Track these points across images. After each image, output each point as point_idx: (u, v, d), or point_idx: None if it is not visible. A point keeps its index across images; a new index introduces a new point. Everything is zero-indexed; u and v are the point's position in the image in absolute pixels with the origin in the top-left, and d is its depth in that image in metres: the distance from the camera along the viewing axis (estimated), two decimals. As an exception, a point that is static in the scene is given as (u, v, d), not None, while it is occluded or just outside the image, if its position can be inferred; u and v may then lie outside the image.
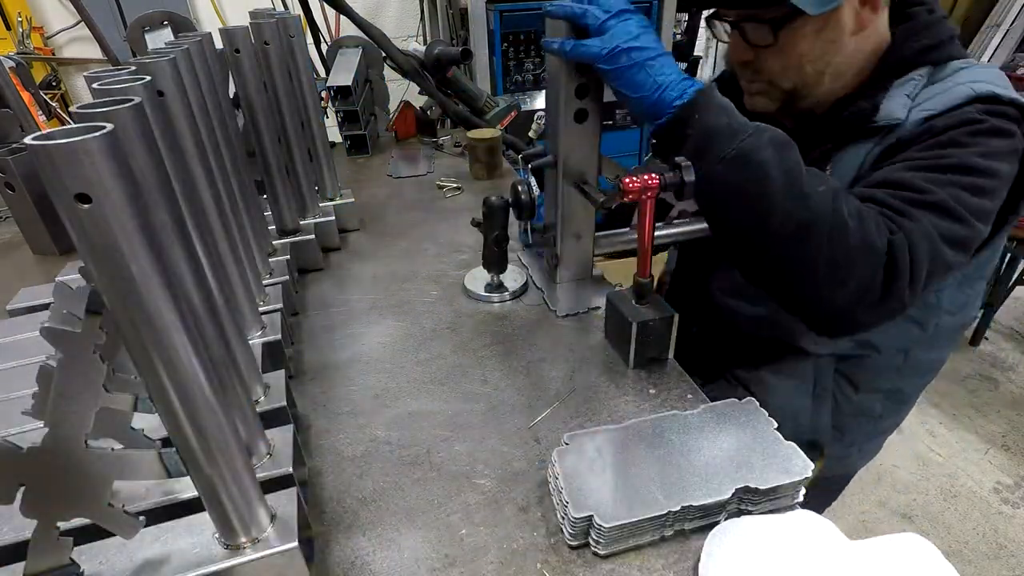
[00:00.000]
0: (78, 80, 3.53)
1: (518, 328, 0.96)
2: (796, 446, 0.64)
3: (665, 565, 0.58)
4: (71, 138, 0.33)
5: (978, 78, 0.80)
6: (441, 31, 3.26)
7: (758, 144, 0.70)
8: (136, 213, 0.36)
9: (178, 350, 0.42)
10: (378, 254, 1.23)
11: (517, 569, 0.59)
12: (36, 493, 0.45)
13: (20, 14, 3.22)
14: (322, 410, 0.81)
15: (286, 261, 1.03)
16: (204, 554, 0.52)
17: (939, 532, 1.89)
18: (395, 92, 2.19)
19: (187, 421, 0.45)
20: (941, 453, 2.18)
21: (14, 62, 1.71)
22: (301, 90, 1.16)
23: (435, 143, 1.89)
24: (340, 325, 0.99)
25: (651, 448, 0.65)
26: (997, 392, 2.45)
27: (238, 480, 0.50)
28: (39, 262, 1.28)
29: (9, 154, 1.21)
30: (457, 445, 0.74)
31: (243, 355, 0.65)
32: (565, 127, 0.88)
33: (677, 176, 0.77)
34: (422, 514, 0.65)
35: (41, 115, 2.19)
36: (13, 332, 0.86)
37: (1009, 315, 2.87)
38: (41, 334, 0.41)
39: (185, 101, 0.65)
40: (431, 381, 0.85)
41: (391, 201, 1.50)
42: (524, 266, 1.13)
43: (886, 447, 1.18)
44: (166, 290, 0.40)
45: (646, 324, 0.81)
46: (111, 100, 0.41)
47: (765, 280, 0.80)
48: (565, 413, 0.78)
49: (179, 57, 0.65)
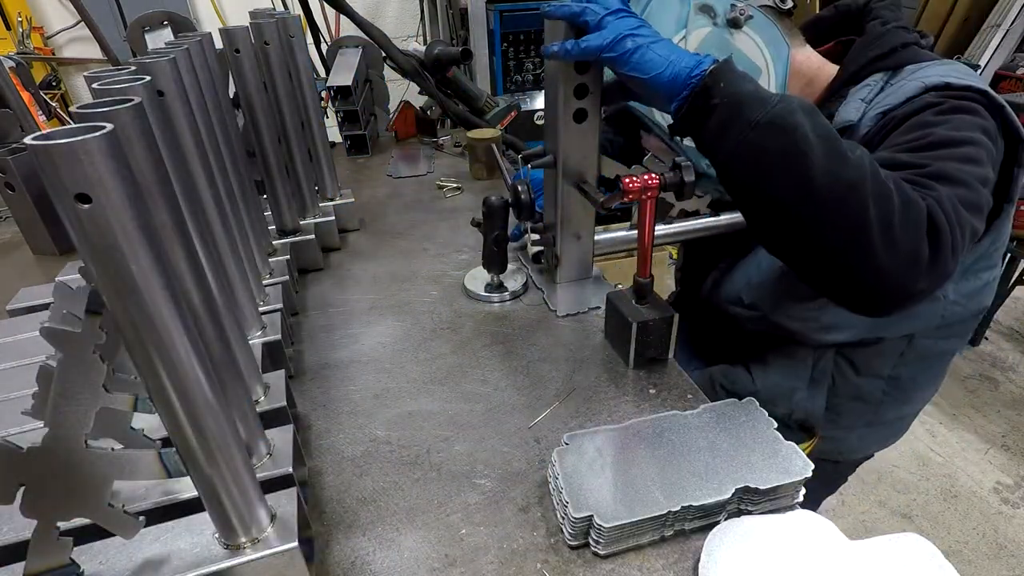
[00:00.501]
0: (78, 80, 3.54)
1: (518, 328, 0.96)
2: (796, 446, 0.64)
3: (665, 565, 0.58)
4: (71, 138, 0.33)
5: (929, 74, 0.82)
6: (441, 31, 3.25)
7: (790, 107, 0.67)
8: (136, 213, 0.36)
9: (178, 350, 0.42)
10: (378, 254, 1.23)
11: (517, 569, 0.59)
12: (36, 493, 0.45)
13: (20, 14, 3.22)
14: (322, 410, 0.81)
15: (286, 261, 1.03)
16: (204, 554, 0.52)
17: (939, 532, 1.89)
18: (395, 92, 2.19)
19: (187, 421, 0.45)
20: (941, 453, 2.17)
21: (14, 62, 1.71)
22: (301, 90, 1.16)
23: (435, 143, 1.89)
24: (340, 325, 0.99)
25: (651, 448, 0.65)
26: (997, 392, 2.45)
27: (238, 480, 0.50)
28: (39, 262, 1.28)
29: (9, 154, 1.21)
30: (457, 445, 0.74)
31: (243, 355, 0.65)
32: (565, 127, 0.88)
33: (677, 176, 0.77)
34: (422, 514, 0.65)
35: (41, 115, 2.19)
36: (13, 332, 0.86)
37: (1009, 315, 2.87)
38: (41, 334, 0.41)
39: (185, 101, 0.65)
40: (431, 381, 0.85)
41: (391, 201, 1.50)
42: (524, 266, 1.13)
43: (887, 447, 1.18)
44: (166, 290, 0.40)
45: (646, 324, 0.81)
46: (111, 100, 0.41)
47: (810, 257, 0.72)
48: (565, 413, 0.78)
49: (179, 57, 0.65)
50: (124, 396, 0.51)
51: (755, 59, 0.90)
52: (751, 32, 0.89)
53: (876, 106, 0.85)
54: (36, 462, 0.44)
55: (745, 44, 0.90)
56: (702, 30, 0.88)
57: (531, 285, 1.07)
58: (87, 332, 0.42)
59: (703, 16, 0.88)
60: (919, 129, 0.76)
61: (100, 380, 0.44)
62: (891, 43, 0.89)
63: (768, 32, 0.90)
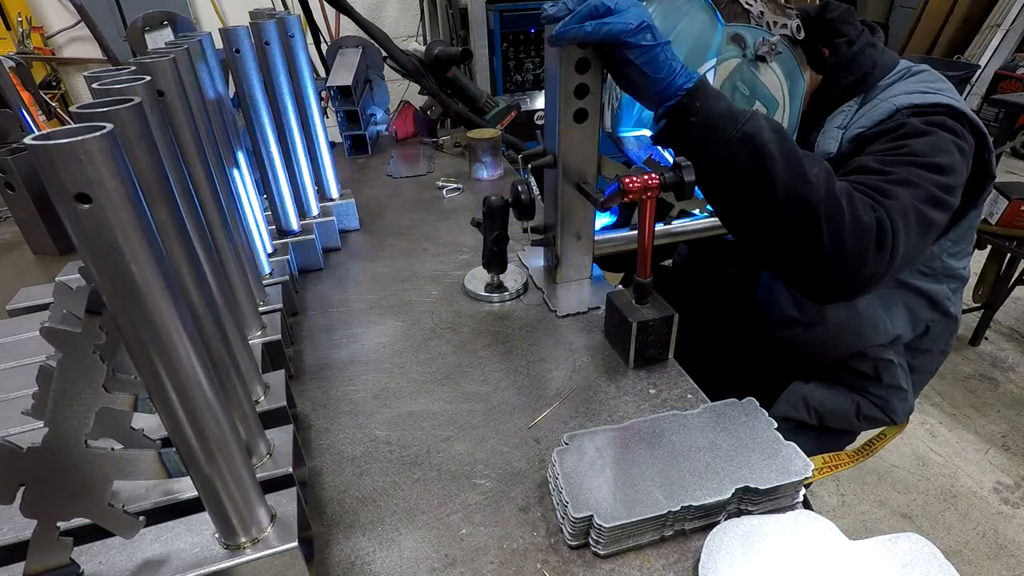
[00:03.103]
0: (78, 80, 3.54)
1: (518, 328, 0.96)
2: (796, 446, 0.64)
3: (665, 565, 0.58)
4: (71, 138, 0.33)
5: (898, 92, 0.89)
6: (441, 31, 3.25)
7: (759, 126, 0.73)
8: (136, 213, 0.36)
9: (178, 350, 0.42)
10: (378, 254, 1.23)
11: (517, 569, 0.59)
12: (36, 493, 0.45)
13: (20, 14, 3.22)
14: (322, 410, 0.81)
15: (286, 261, 1.03)
16: (204, 554, 0.52)
17: (939, 532, 1.89)
18: (395, 92, 2.19)
19: (187, 421, 0.45)
20: (941, 453, 2.17)
21: (14, 62, 1.71)
22: (301, 90, 1.16)
23: (435, 143, 1.89)
24: (340, 325, 0.99)
25: (651, 448, 0.65)
26: (997, 392, 2.45)
27: (238, 480, 0.50)
28: (39, 262, 1.28)
29: (9, 154, 1.21)
30: (457, 445, 0.74)
31: (243, 355, 0.65)
32: (565, 127, 0.88)
33: (677, 176, 0.77)
34: (422, 514, 0.65)
35: (41, 115, 2.19)
36: (13, 332, 0.86)
37: (1009, 315, 2.87)
38: (41, 334, 0.41)
39: (185, 101, 0.65)
40: (431, 381, 0.85)
41: (391, 201, 1.50)
42: (524, 266, 1.13)
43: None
44: (166, 290, 0.40)
45: (646, 324, 0.81)
46: (111, 100, 0.40)
47: (769, 255, 0.81)
48: (565, 413, 0.78)
49: (179, 57, 0.65)
50: (124, 396, 0.51)
51: (775, 92, 0.92)
52: (774, 65, 0.90)
53: (852, 128, 0.91)
54: (36, 462, 0.44)
55: (768, 77, 0.91)
56: (731, 61, 0.89)
57: (531, 285, 1.07)
58: (87, 332, 0.42)
59: (734, 47, 0.88)
60: (891, 142, 0.84)
61: (100, 380, 0.44)
62: (862, 69, 0.94)
63: (788, 64, 0.92)
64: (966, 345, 2.72)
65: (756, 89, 0.90)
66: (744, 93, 0.90)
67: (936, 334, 1.09)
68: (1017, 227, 2.21)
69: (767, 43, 0.88)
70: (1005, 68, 4.91)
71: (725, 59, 0.89)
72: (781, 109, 0.93)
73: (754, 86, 0.90)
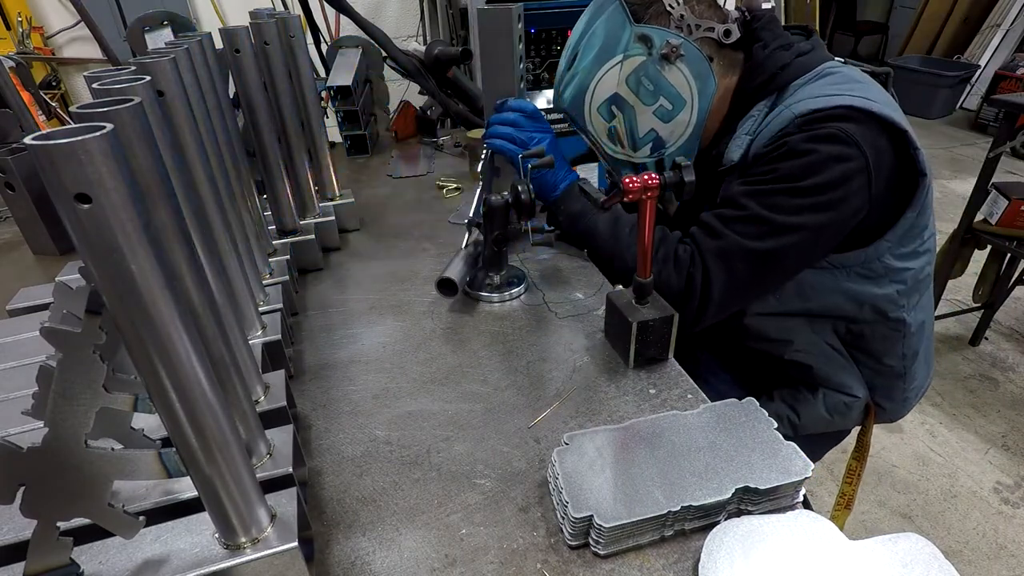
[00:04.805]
0: (78, 80, 3.53)
1: (518, 328, 0.96)
2: (796, 446, 0.64)
3: (665, 565, 0.58)
4: (71, 138, 0.33)
5: (803, 96, 0.92)
6: (441, 31, 3.25)
7: (595, 221, 1.06)
8: (136, 213, 0.36)
9: (178, 350, 0.42)
10: (378, 254, 1.23)
11: (517, 569, 0.59)
12: (36, 493, 0.45)
13: (20, 14, 3.22)
14: (322, 410, 0.81)
15: (286, 261, 1.03)
16: (204, 554, 0.52)
17: (939, 532, 1.89)
18: (395, 92, 2.19)
19: (187, 421, 0.45)
20: (941, 453, 2.17)
21: (14, 62, 1.71)
22: (301, 90, 1.16)
23: (435, 143, 1.89)
24: (340, 325, 0.99)
25: (651, 448, 0.65)
26: (997, 392, 2.45)
27: (238, 480, 0.50)
28: (39, 262, 1.28)
29: (9, 154, 1.21)
30: (457, 445, 0.74)
31: (243, 355, 0.65)
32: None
33: (677, 176, 0.77)
34: (422, 514, 0.65)
35: (41, 115, 2.19)
36: (13, 332, 0.86)
37: (1009, 315, 2.87)
38: (41, 334, 0.41)
39: (185, 101, 0.65)
40: (431, 381, 0.85)
41: (391, 201, 1.50)
42: (524, 266, 1.13)
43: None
44: (166, 290, 0.40)
45: (646, 324, 0.81)
46: (111, 100, 0.40)
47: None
48: (565, 413, 0.78)
49: (179, 57, 0.65)
50: (124, 396, 0.51)
51: (682, 91, 0.97)
52: (682, 66, 0.95)
53: (761, 137, 0.95)
54: (36, 462, 0.44)
55: (675, 77, 0.96)
56: (636, 59, 0.96)
57: (531, 285, 1.07)
58: (87, 332, 0.42)
59: (641, 45, 0.95)
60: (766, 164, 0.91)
61: (100, 380, 0.44)
62: (769, 69, 0.97)
63: (699, 67, 0.95)
64: (966, 345, 2.72)
65: (660, 86, 0.96)
66: (648, 88, 0.96)
67: (878, 337, 1.04)
68: (1017, 227, 2.21)
69: (670, 45, 0.93)
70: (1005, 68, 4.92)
71: (631, 56, 0.96)
72: (688, 107, 0.97)
73: (658, 83, 0.96)
